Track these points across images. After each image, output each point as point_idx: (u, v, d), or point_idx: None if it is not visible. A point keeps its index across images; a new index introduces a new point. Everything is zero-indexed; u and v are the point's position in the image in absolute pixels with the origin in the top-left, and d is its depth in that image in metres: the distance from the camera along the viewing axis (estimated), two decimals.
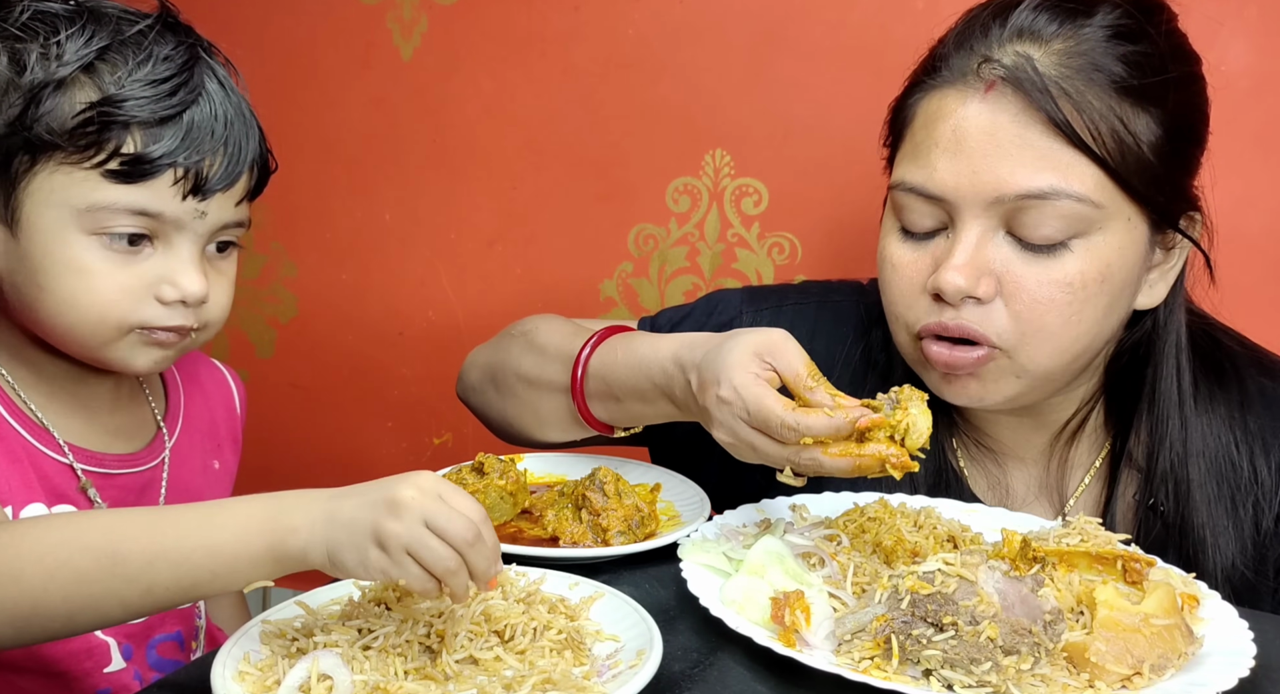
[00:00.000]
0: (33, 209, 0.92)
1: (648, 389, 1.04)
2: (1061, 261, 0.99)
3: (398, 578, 0.75)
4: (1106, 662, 0.79)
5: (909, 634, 0.79)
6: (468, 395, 1.30)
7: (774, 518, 1.04)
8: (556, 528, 1.03)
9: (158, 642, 1.09)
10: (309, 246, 1.92)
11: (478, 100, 1.76)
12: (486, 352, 1.27)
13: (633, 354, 1.05)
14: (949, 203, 1.01)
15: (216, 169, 0.95)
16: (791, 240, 1.63)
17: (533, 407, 1.17)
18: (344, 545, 0.75)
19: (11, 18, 0.92)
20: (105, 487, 1.04)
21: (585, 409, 1.10)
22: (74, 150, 0.91)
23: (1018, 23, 1.00)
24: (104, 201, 0.92)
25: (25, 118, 0.90)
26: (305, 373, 1.98)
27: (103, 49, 0.92)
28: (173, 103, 0.93)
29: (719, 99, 1.62)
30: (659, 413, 1.05)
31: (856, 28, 1.54)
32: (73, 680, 1.00)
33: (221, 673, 0.75)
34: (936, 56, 1.05)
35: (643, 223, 1.70)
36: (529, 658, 0.80)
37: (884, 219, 1.10)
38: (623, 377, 1.06)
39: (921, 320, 1.04)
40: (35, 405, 1.01)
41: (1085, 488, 1.14)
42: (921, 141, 1.03)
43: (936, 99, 1.03)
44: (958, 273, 0.99)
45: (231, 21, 1.84)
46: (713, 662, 0.84)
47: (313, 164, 1.87)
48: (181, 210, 0.95)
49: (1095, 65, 0.98)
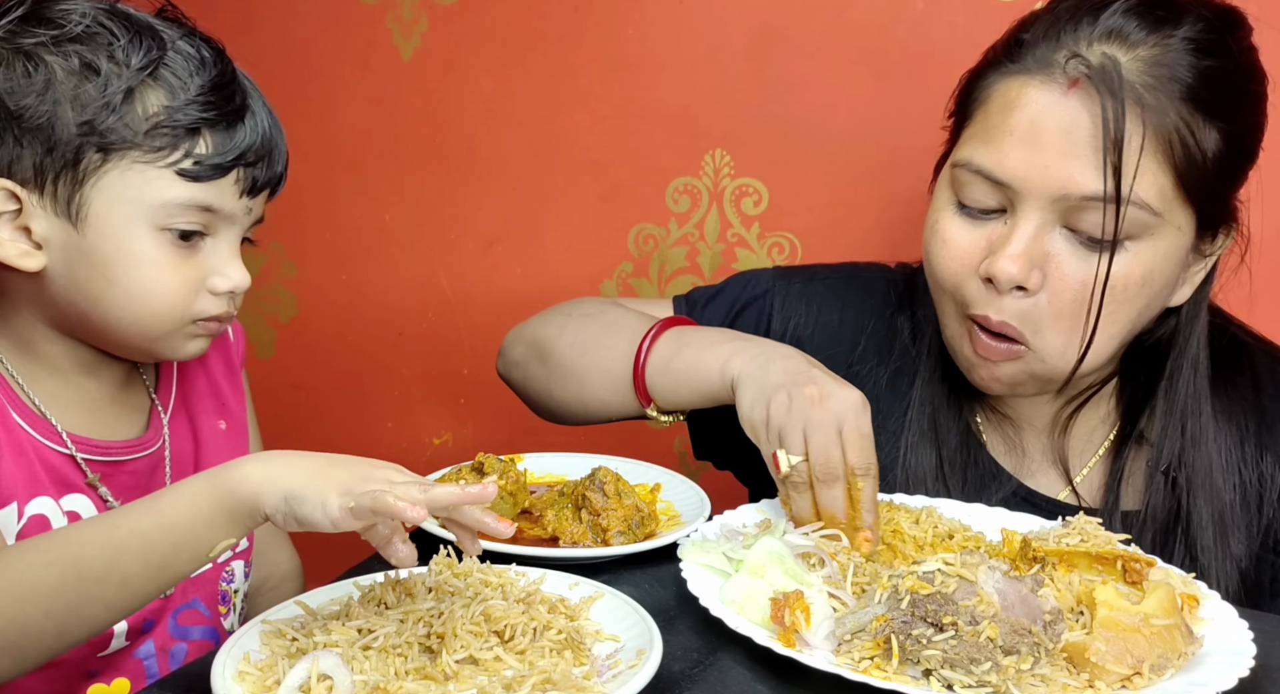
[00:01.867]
0: (103, 206, 0.96)
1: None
2: (1116, 262, 1.00)
3: (355, 523, 0.76)
4: (1106, 662, 0.79)
5: (909, 634, 0.79)
6: (509, 371, 1.32)
7: (774, 518, 1.04)
8: (556, 528, 1.03)
9: (179, 611, 1.10)
10: (309, 246, 1.92)
11: (478, 100, 1.76)
12: (534, 326, 1.29)
13: (691, 365, 1.11)
14: (1014, 191, 1.01)
15: (264, 169, 1.02)
16: (791, 240, 1.62)
17: (583, 385, 1.21)
18: (306, 490, 0.77)
19: (69, 21, 0.96)
20: (113, 475, 1.05)
21: (644, 393, 1.15)
22: (149, 150, 0.96)
23: (1109, 24, 1.00)
24: (179, 198, 0.97)
25: (100, 120, 0.94)
26: (305, 373, 1.98)
27: (161, 57, 0.97)
28: (234, 106, 0.99)
29: (719, 99, 1.62)
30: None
31: (856, 28, 1.54)
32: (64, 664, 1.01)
33: (221, 673, 0.75)
34: (1019, 41, 1.04)
35: (643, 223, 1.70)
36: (529, 658, 0.80)
37: (937, 191, 1.10)
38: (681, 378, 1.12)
39: (970, 306, 1.06)
40: (39, 399, 1.02)
41: (1099, 459, 1.16)
42: (996, 125, 1.03)
43: (1016, 85, 1.02)
44: (1012, 262, 1.01)
45: (231, 21, 1.84)
46: (713, 662, 0.84)
47: (313, 164, 1.87)
48: (238, 207, 1.01)
49: (1174, 76, 0.98)
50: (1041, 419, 1.18)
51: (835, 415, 0.97)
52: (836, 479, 0.97)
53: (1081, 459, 1.17)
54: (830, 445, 0.97)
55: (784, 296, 1.26)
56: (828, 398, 0.98)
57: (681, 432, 1.41)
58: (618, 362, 1.16)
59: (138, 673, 1.06)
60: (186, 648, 1.10)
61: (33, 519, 0.98)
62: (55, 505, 1.00)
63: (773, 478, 1.01)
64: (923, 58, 1.50)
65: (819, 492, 0.98)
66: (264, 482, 0.79)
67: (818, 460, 0.97)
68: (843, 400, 0.98)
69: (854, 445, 0.97)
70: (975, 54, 1.11)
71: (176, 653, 1.09)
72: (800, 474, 0.98)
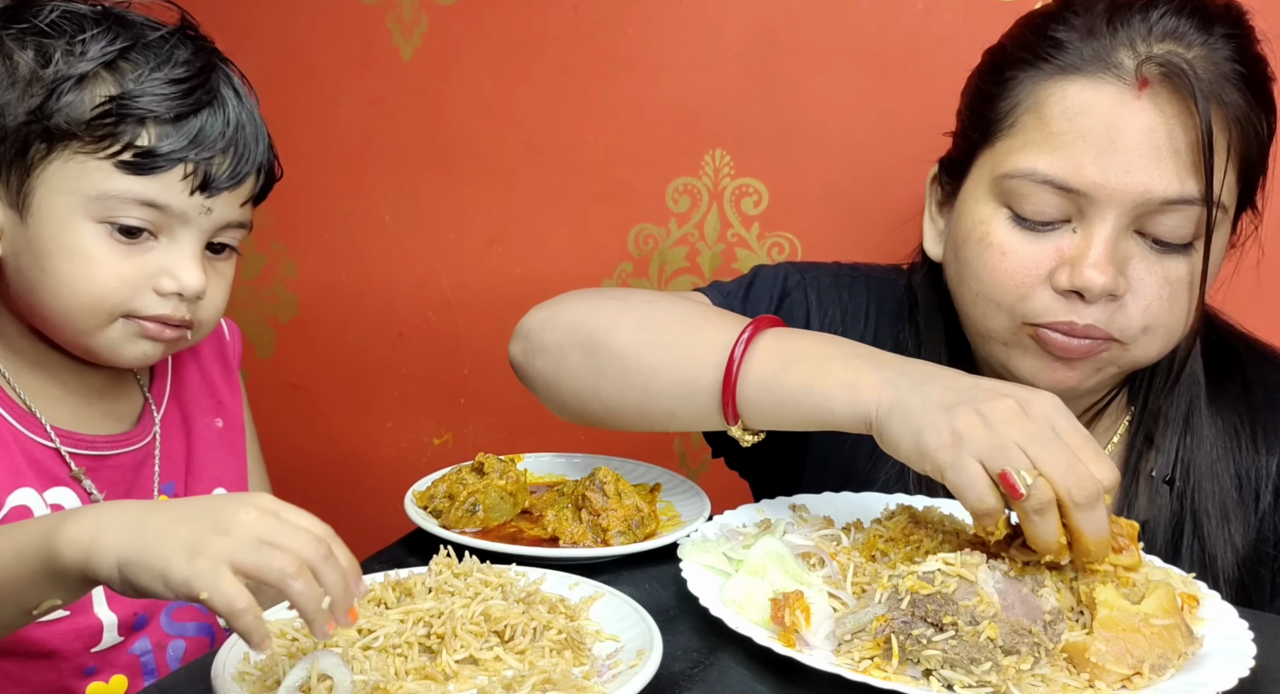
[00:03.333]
0: (45, 195, 0.96)
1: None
2: (1183, 260, 1.01)
3: (200, 592, 0.65)
4: (1106, 662, 0.79)
5: (909, 634, 0.79)
6: (533, 359, 1.09)
7: (774, 518, 1.04)
8: (556, 528, 1.03)
9: (174, 607, 1.10)
10: (309, 246, 1.92)
11: (478, 100, 1.76)
12: (577, 309, 1.08)
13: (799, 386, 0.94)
14: (1089, 198, 0.99)
15: (224, 168, 0.99)
16: (791, 240, 1.62)
17: (648, 390, 1.02)
18: (142, 556, 0.67)
19: (41, 15, 0.96)
20: (99, 469, 1.06)
21: (733, 411, 0.97)
22: (90, 140, 0.95)
23: (1166, 25, 0.98)
24: (114, 191, 0.95)
25: (46, 108, 0.94)
26: (305, 373, 1.98)
27: (125, 49, 0.97)
28: (188, 102, 0.97)
29: (719, 99, 1.62)
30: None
31: (856, 28, 1.54)
32: (60, 661, 1.01)
33: (221, 673, 0.75)
34: (1054, 39, 1.01)
35: (643, 223, 1.70)
36: (529, 658, 0.80)
37: (974, 202, 1.06)
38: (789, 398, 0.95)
39: (1040, 316, 1.02)
40: (26, 393, 1.03)
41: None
42: (1061, 131, 0.99)
43: (1075, 88, 0.99)
44: (1100, 271, 0.98)
45: (231, 21, 1.84)
46: (713, 662, 0.84)
47: (312, 164, 1.87)
48: (188, 204, 0.98)
49: (1232, 72, 0.98)
50: None
51: (1049, 424, 0.83)
52: (1099, 498, 0.81)
53: None
54: (1074, 461, 0.81)
55: (817, 289, 1.21)
56: (1029, 405, 0.84)
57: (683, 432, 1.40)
58: (699, 367, 0.98)
59: (135, 669, 1.06)
60: (184, 645, 1.10)
61: (14, 510, 0.99)
62: (39, 498, 1.00)
63: (969, 506, 0.84)
64: (923, 58, 1.50)
65: (1082, 516, 0.81)
66: (92, 545, 0.69)
67: (1068, 479, 0.80)
68: (1045, 405, 0.85)
69: (1089, 454, 0.82)
70: (975, 54, 1.11)
71: (174, 649, 1.09)
72: (1044, 492, 0.81)
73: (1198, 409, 1.10)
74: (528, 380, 1.12)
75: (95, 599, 1.03)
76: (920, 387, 0.88)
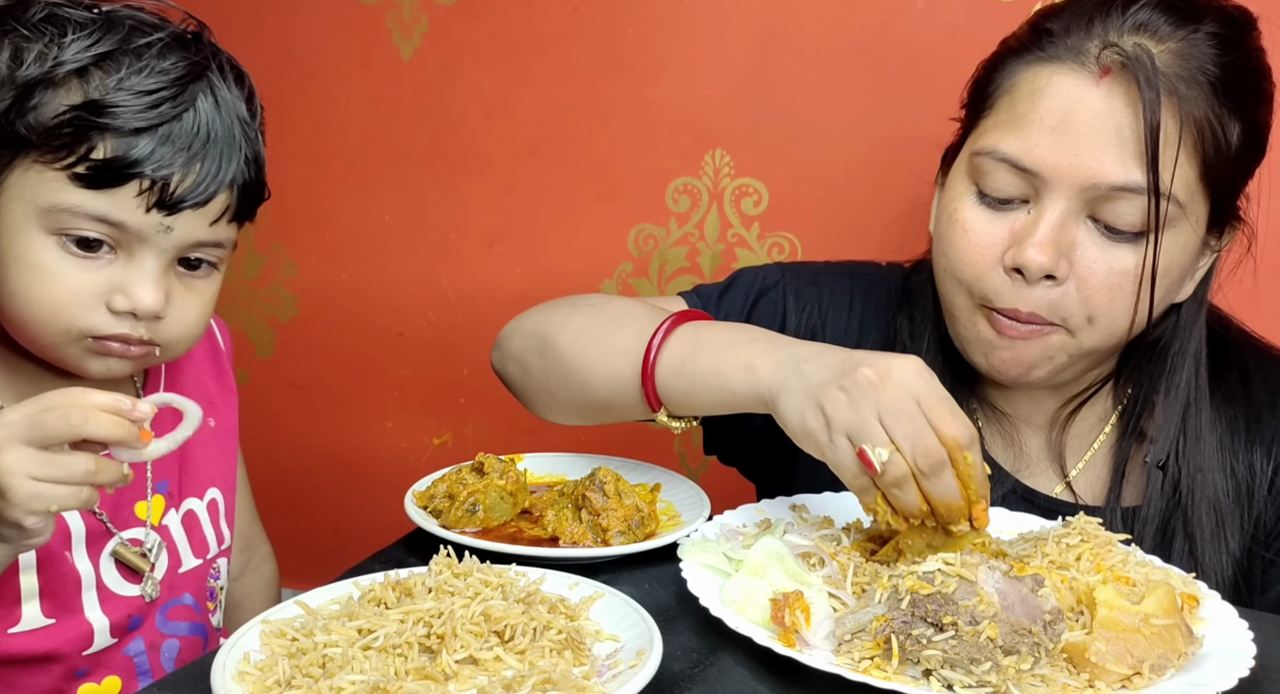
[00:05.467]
0: (5, 203, 0.93)
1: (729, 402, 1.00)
2: (1132, 251, 1.01)
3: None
4: (1106, 662, 0.79)
5: (909, 634, 0.79)
6: (505, 364, 1.19)
7: (774, 518, 1.04)
8: (556, 528, 1.03)
9: (168, 607, 1.09)
10: (309, 246, 1.92)
11: (478, 100, 1.76)
12: (535, 317, 1.17)
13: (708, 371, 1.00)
14: (1041, 179, 1.01)
15: (187, 185, 0.94)
16: (791, 240, 1.63)
17: (585, 384, 1.09)
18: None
19: (25, 16, 0.93)
20: None
21: (654, 398, 1.04)
22: (47, 150, 0.91)
23: (1139, 18, 1.00)
24: (65, 203, 0.92)
25: (10, 113, 0.91)
26: (305, 373, 1.98)
27: (102, 55, 0.92)
28: (151, 115, 0.93)
29: (719, 99, 1.62)
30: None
31: (856, 28, 1.54)
32: (52, 665, 1.01)
33: (221, 673, 0.75)
34: (1044, 29, 1.04)
35: (643, 223, 1.70)
36: (529, 658, 0.80)
37: (953, 180, 1.10)
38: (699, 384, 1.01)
39: (991, 299, 1.05)
40: (6, 403, 1.01)
41: (1094, 454, 1.17)
42: (1024, 113, 1.02)
43: (1045, 73, 1.02)
44: (1040, 250, 1.00)
45: (231, 21, 1.84)
46: (713, 662, 0.84)
47: (312, 164, 1.87)
48: (144, 222, 0.94)
49: (1202, 69, 0.99)
50: (1040, 417, 1.18)
51: (906, 390, 0.86)
52: (944, 464, 0.85)
53: (1077, 456, 1.17)
54: (921, 430, 0.85)
55: (795, 288, 1.24)
56: (888, 373, 0.87)
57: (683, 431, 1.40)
58: (624, 359, 1.05)
59: (128, 671, 1.06)
60: (178, 644, 1.10)
61: None
62: None
63: (847, 483, 0.90)
64: (923, 58, 1.50)
65: (928, 483, 0.85)
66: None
67: (914, 450, 0.85)
68: (904, 371, 0.87)
69: (942, 416, 0.85)
70: (975, 54, 1.11)
71: (168, 649, 1.09)
72: (898, 467, 0.85)
73: (1197, 407, 1.11)
74: (506, 385, 1.21)
75: (86, 603, 1.02)
76: (801, 367, 0.93)
